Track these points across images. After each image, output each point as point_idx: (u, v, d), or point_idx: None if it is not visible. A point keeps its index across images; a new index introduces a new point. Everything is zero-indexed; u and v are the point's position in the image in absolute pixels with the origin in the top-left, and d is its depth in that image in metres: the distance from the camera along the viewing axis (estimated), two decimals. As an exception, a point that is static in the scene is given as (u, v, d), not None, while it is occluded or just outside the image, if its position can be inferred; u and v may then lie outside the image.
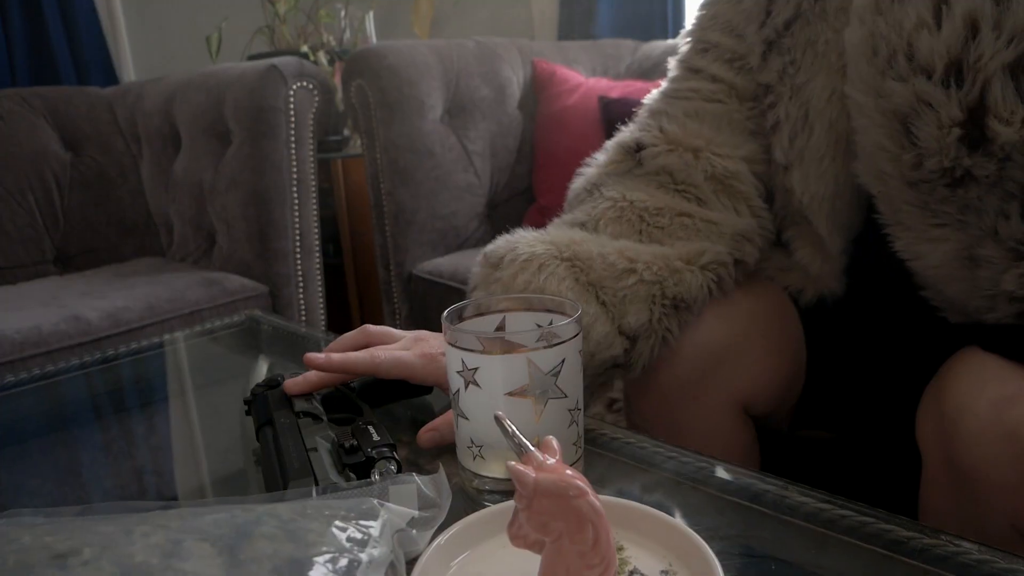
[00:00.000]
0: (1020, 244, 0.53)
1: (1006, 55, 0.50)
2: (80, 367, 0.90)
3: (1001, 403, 0.52)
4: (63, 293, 1.43)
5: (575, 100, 1.67)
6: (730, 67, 0.75)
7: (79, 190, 1.78)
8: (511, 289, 0.63)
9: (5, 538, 0.30)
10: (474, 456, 0.47)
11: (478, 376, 0.45)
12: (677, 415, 0.71)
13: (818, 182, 0.69)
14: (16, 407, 0.84)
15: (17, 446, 0.75)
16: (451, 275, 1.45)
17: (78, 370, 0.89)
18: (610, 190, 0.73)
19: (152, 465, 0.67)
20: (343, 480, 0.46)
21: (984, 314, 0.59)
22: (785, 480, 0.49)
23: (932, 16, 0.52)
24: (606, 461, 0.55)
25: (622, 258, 0.65)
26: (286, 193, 1.49)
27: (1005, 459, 0.51)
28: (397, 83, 1.49)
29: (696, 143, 0.72)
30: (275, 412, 0.55)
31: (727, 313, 0.69)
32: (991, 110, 0.51)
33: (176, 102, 1.69)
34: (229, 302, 1.42)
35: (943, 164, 0.53)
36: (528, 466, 0.35)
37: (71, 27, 2.07)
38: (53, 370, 0.89)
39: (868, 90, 0.58)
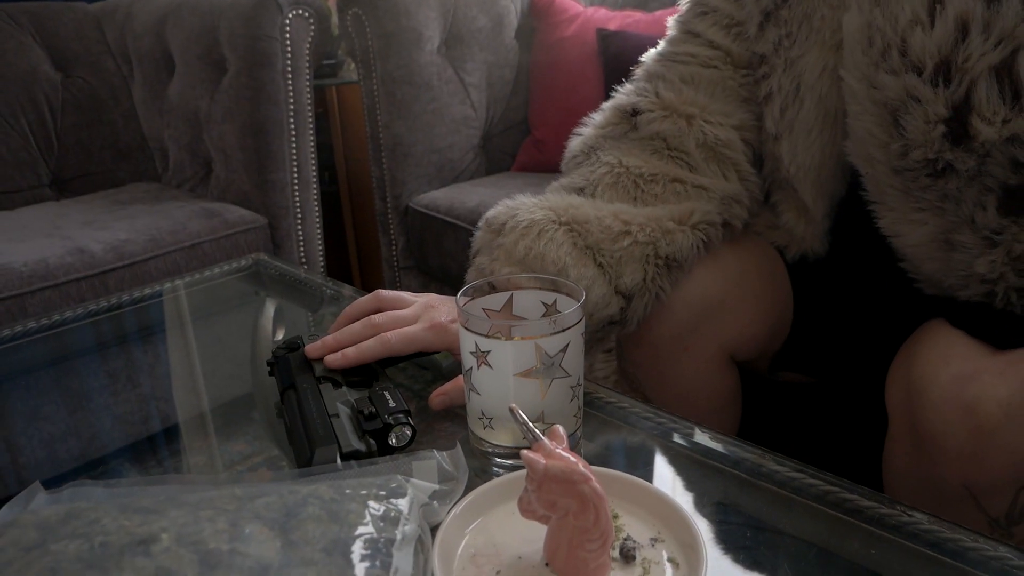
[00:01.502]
0: (994, 234, 0.57)
1: (992, 57, 0.53)
2: (89, 315, 0.93)
3: (963, 378, 0.57)
4: (64, 222, 1.45)
5: (573, 31, 1.66)
6: (728, 33, 0.76)
7: (72, 112, 1.77)
8: (512, 255, 0.67)
9: (86, 519, 0.35)
10: (484, 426, 0.52)
11: (490, 358, 0.49)
12: (667, 365, 0.76)
13: (805, 153, 0.72)
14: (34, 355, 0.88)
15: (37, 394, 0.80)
16: (447, 209, 1.48)
17: (87, 318, 0.93)
18: (607, 155, 0.76)
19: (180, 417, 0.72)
20: (363, 446, 0.51)
21: (957, 291, 0.63)
22: (762, 449, 0.54)
23: (927, 13, 0.55)
24: (602, 424, 0.60)
25: (617, 221, 0.68)
26: (283, 124, 1.50)
27: (962, 430, 0.57)
28: (394, 13, 1.47)
29: (690, 110, 0.75)
30: (297, 377, 0.59)
31: (715, 269, 0.74)
32: (975, 109, 0.54)
33: (168, 25, 1.66)
34: (230, 234, 1.44)
35: (927, 156, 0.57)
36: (539, 453, 0.40)
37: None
38: (62, 319, 0.92)
39: (862, 78, 0.60)
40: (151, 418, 0.88)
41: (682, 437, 0.57)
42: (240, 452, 0.89)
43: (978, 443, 0.57)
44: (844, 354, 0.83)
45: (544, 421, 0.51)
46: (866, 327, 0.79)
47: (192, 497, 0.37)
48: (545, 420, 0.51)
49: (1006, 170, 0.54)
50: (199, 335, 0.95)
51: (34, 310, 1.22)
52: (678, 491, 0.52)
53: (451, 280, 1.53)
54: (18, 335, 0.90)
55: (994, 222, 0.56)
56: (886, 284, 0.73)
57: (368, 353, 0.60)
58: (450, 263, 1.48)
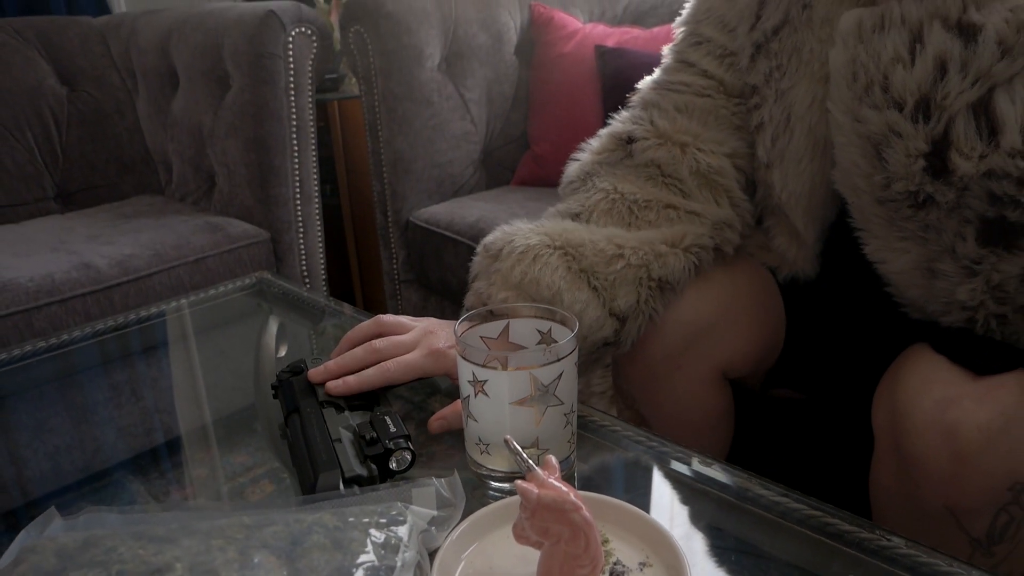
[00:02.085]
0: (973, 263, 0.59)
1: (970, 95, 0.55)
2: (96, 334, 0.95)
3: (944, 403, 0.59)
4: (69, 236, 1.47)
5: (572, 47, 1.68)
6: (721, 63, 0.79)
7: (77, 126, 1.79)
8: (509, 280, 0.69)
9: (103, 547, 0.37)
10: (481, 451, 0.54)
11: (487, 387, 0.51)
12: (661, 383, 0.78)
13: (796, 181, 0.74)
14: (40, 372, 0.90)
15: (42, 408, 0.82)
16: (447, 224, 1.50)
17: (93, 337, 0.95)
18: (603, 181, 0.78)
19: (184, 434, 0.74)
20: (365, 470, 0.53)
21: (939, 317, 0.65)
22: (749, 473, 0.56)
23: (908, 52, 0.57)
24: (596, 446, 0.62)
25: (611, 244, 0.70)
26: (286, 140, 1.52)
27: (943, 454, 0.59)
28: (396, 31, 1.49)
29: (684, 138, 0.77)
30: (301, 401, 0.61)
31: (707, 291, 0.76)
32: (954, 144, 0.56)
33: (172, 40, 1.69)
34: (233, 248, 1.46)
35: (909, 188, 0.59)
36: (532, 483, 0.42)
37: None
38: (70, 338, 0.94)
39: (847, 112, 0.62)
40: (155, 431, 0.91)
41: (672, 460, 0.59)
42: (242, 464, 0.91)
43: (958, 467, 0.59)
44: (834, 372, 0.85)
45: (539, 447, 0.53)
46: (855, 347, 0.81)
47: (203, 525, 0.39)
48: (540, 446, 0.53)
49: (984, 203, 0.56)
50: (203, 351, 0.98)
51: (40, 325, 1.24)
52: (667, 515, 0.54)
53: (451, 294, 1.55)
54: (27, 355, 0.92)
55: (973, 252, 0.59)
56: (875, 306, 0.75)
57: (368, 382, 0.62)
58: (450, 277, 1.51)
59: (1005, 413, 0.58)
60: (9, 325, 1.21)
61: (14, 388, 0.90)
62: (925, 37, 0.56)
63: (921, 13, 0.56)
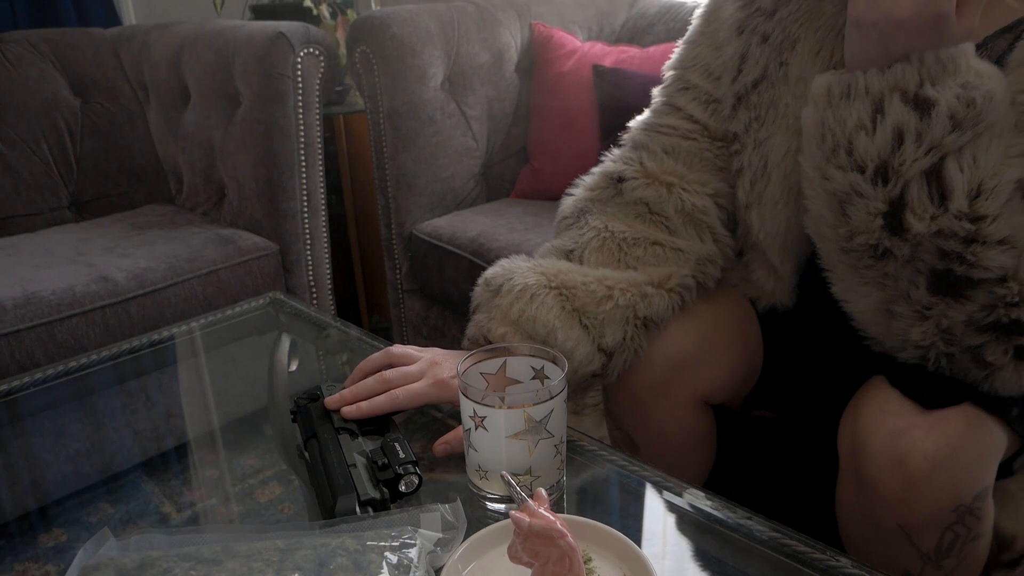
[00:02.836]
0: (925, 309, 0.66)
1: (923, 163, 0.61)
2: (113, 357, 1.02)
3: (896, 434, 0.66)
4: (86, 248, 1.53)
5: (570, 66, 1.74)
6: (705, 109, 0.85)
7: (90, 137, 1.85)
8: (508, 316, 0.76)
9: (160, 568, 0.44)
10: (480, 477, 0.61)
11: (486, 422, 0.58)
12: (647, 408, 0.85)
13: (772, 222, 0.81)
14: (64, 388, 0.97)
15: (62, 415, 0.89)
16: (449, 238, 1.56)
17: (110, 360, 1.02)
18: (595, 219, 0.84)
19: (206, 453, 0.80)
20: (378, 493, 0.60)
21: (896, 352, 0.72)
22: (720, 498, 0.63)
23: (870, 120, 0.63)
24: (582, 469, 0.69)
25: (602, 286, 0.77)
26: (294, 157, 1.58)
27: (895, 479, 0.66)
28: (400, 53, 1.55)
29: (670, 179, 0.83)
30: (319, 427, 0.68)
31: (689, 324, 0.82)
32: (908, 206, 0.62)
33: (184, 56, 1.75)
34: (243, 261, 1.53)
35: (869, 241, 0.65)
36: (525, 513, 0.49)
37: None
38: (88, 361, 1.01)
39: (815, 168, 0.68)
40: (169, 435, 0.99)
41: (650, 485, 0.66)
42: (252, 466, 0.99)
43: (908, 491, 0.65)
44: (809, 396, 0.91)
45: (532, 474, 0.59)
46: (828, 373, 0.87)
47: (243, 547, 0.46)
48: (532, 473, 0.60)
49: (934, 257, 0.63)
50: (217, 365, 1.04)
51: (63, 337, 1.31)
52: (643, 534, 0.61)
53: (452, 304, 1.62)
54: (49, 377, 0.98)
55: (925, 299, 0.65)
56: (845, 336, 0.81)
57: (379, 408, 0.69)
58: (451, 289, 1.57)
59: (950, 444, 0.65)
60: (33, 337, 1.28)
61: (45, 403, 0.97)
62: (886, 108, 0.62)
63: (883, 85, 0.62)
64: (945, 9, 0.59)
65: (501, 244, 1.47)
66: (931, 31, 0.60)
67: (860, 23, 0.62)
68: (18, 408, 0.98)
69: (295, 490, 0.81)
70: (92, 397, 1.01)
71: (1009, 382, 0.66)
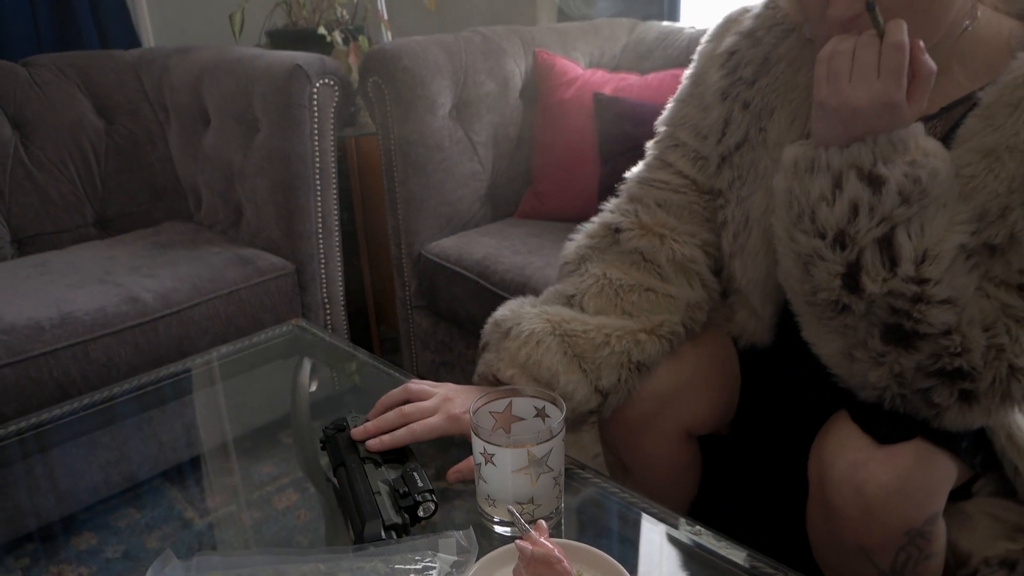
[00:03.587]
0: (879, 356, 0.74)
1: (876, 232, 0.70)
2: (137, 388, 1.11)
3: (855, 465, 0.75)
4: (113, 267, 1.62)
5: (572, 93, 1.83)
6: (694, 165, 0.94)
7: (114, 157, 1.94)
8: (516, 359, 0.85)
9: (224, 589, 0.53)
10: (489, 504, 0.70)
11: (494, 459, 0.67)
12: (637, 439, 0.94)
13: (754, 270, 0.89)
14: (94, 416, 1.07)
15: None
16: (456, 260, 1.65)
17: (136, 391, 1.11)
18: (594, 266, 0.93)
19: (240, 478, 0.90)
20: (400, 519, 0.69)
21: (858, 391, 0.80)
22: (699, 524, 0.72)
23: (830, 193, 0.72)
24: (577, 494, 0.78)
25: (600, 333, 0.86)
26: (310, 181, 1.67)
27: (854, 506, 0.75)
28: (411, 84, 1.64)
29: (662, 231, 0.92)
30: (346, 456, 0.77)
31: (676, 364, 0.91)
32: (864, 269, 0.71)
33: (204, 83, 1.83)
34: (262, 281, 1.62)
35: (830, 298, 0.74)
36: (528, 541, 0.58)
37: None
38: (120, 390, 1.11)
39: (784, 230, 0.77)
40: (194, 445, 1.09)
41: (638, 511, 0.75)
42: (268, 474, 1.09)
43: (866, 516, 0.75)
44: (785, 425, 1.00)
45: (534, 503, 0.69)
46: (802, 404, 0.96)
47: (291, 569, 0.55)
48: (535, 502, 0.69)
49: (886, 313, 0.72)
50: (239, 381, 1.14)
51: (96, 355, 1.40)
52: (629, 556, 0.70)
53: (458, 321, 1.71)
54: (86, 407, 1.08)
55: (879, 348, 0.74)
56: (817, 372, 0.90)
57: (399, 441, 0.78)
58: (458, 307, 1.66)
59: (901, 475, 0.74)
60: (69, 355, 1.37)
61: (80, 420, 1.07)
62: (844, 183, 0.71)
63: (842, 162, 0.71)
64: (897, 98, 0.68)
65: (505, 266, 1.56)
66: (885, 116, 0.69)
67: (824, 107, 0.71)
68: (59, 429, 1.08)
69: (311, 497, 0.90)
70: (121, 413, 1.11)
71: (956, 420, 0.75)
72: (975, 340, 0.71)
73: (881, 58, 0.66)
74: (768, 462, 1.06)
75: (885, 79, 0.67)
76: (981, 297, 0.73)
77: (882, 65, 0.67)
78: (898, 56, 0.66)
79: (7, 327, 1.35)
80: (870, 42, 0.67)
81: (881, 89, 0.67)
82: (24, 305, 1.42)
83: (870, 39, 0.67)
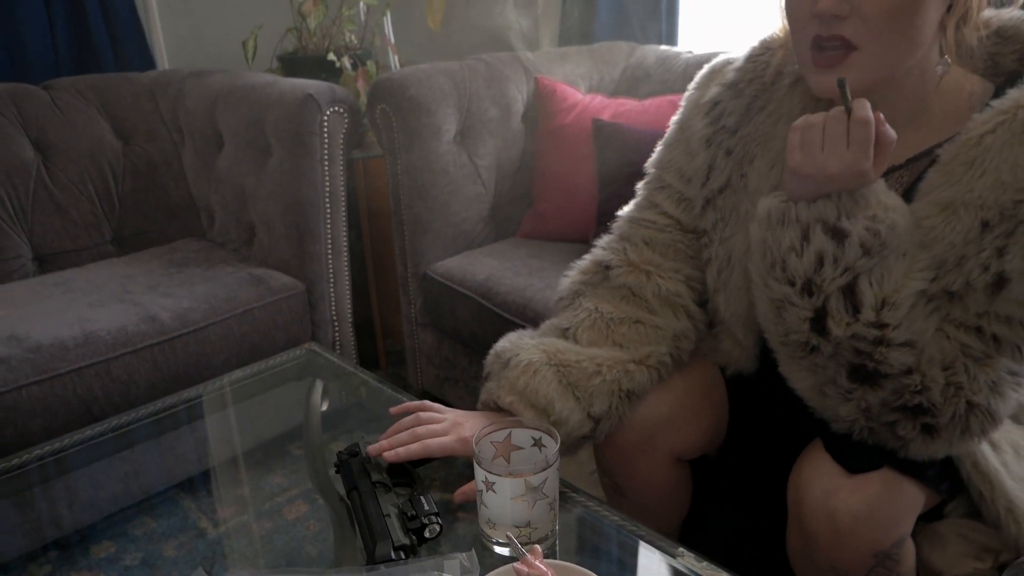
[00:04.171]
0: (847, 392, 0.81)
1: (840, 281, 0.77)
2: (154, 413, 1.19)
3: (827, 493, 0.82)
4: (132, 285, 1.69)
5: (572, 119, 1.90)
6: (678, 206, 1.01)
7: (131, 177, 2.01)
8: (515, 387, 0.91)
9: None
10: (490, 527, 0.77)
11: (495, 487, 0.74)
12: (629, 463, 1.00)
13: (736, 304, 0.96)
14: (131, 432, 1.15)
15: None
16: (460, 281, 1.72)
17: (154, 415, 1.18)
18: (587, 301, 1.00)
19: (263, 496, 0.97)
20: (408, 540, 0.76)
21: (831, 423, 0.87)
22: (679, 545, 0.78)
23: (799, 244, 0.78)
24: (570, 515, 0.85)
25: (592, 363, 0.93)
26: (320, 204, 1.74)
27: (826, 531, 0.82)
28: (417, 112, 1.71)
29: (648, 268, 0.99)
30: (359, 481, 0.84)
31: (665, 394, 0.98)
32: (830, 315, 0.78)
33: (219, 108, 1.91)
34: (274, 300, 1.69)
35: (800, 340, 0.81)
36: (524, 565, 0.65)
37: (108, 12, 2.24)
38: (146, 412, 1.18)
39: (759, 276, 0.84)
40: (208, 458, 1.16)
41: (627, 534, 0.82)
42: (279, 485, 1.17)
43: (837, 540, 0.81)
44: (770, 448, 1.07)
45: (531, 526, 0.75)
46: (785, 429, 1.03)
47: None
48: (531, 526, 0.76)
49: (851, 354, 0.78)
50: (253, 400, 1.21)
51: (117, 372, 1.47)
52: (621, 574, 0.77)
53: (462, 339, 1.78)
54: (109, 431, 1.15)
55: (847, 385, 0.81)
56: (799, 399, 0.97)
57: (414, 453, 0.85)
58: (461, 327, 1.73)
59: (870, 503, 0.81)
60: (92, 373, 1.44)
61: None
62: (811, 236, 0.78)
63: (809, 216, 0.78)
64: (865, 167, 0.75)
65: (507, 288, 1.63)
66: (854, 181, 0.76)
67: (798, 172, 0.78)
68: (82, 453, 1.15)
69: (320, 509, 0.97)
70: (140, 435, 1.18)
71: (920, 451, 0.82)
72: (934, 379, 0.78)
73: (850, 132, 0.73)
74: (755, 483, 1.13)
75: (855, 150, 0.74)
76: (941, 338, 0.79)
77: (851, 138, 0.73)
78: (865, 130, 0.73)
79: (34, 346, 1.42)
80: (839, 117, 0.74)
81: (851, 159, 0.74)
82: (48, 324, 1.49)
83: (839, 114, 0.74)
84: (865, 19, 0.77)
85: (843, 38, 0.78)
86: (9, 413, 1.36)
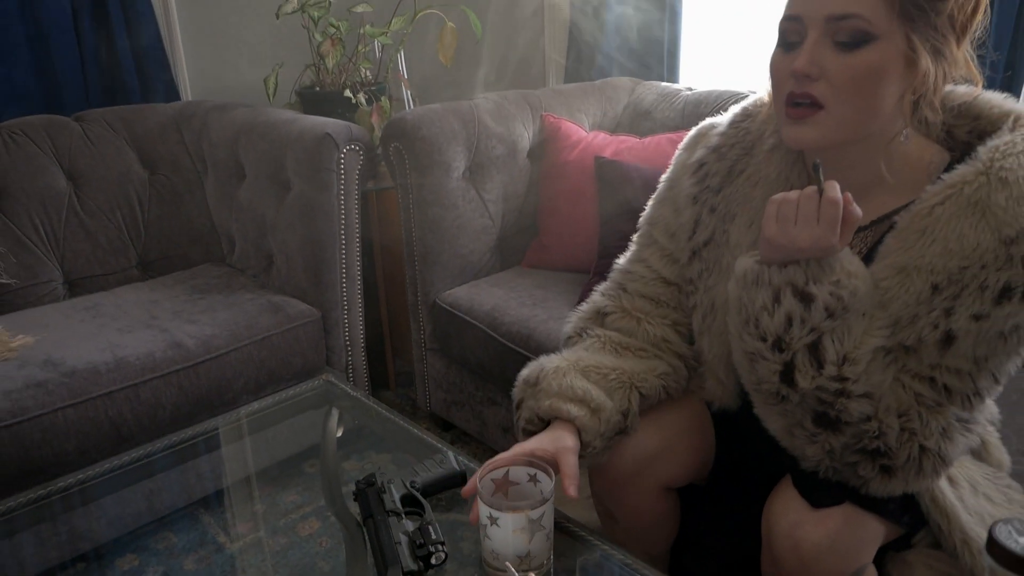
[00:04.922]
0: (813, 436, 0.90)
1: (807, 339, 0.86)
2: (173, 445, 1.28)
3: (794, 525, 0.91)
4: (157, 311, 1.79)
5: (575, 155, 2.00)
6: (664, 262, 1.10)
7: (156, 205, 2.12)
8: (550, 390, 1.00)
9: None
10: (492, 557, 0.86)
11: (497, 521, 0.83)
12: (621, 492, 1.10)
13: (719, 347, 1.05)
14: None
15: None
16: (468, 310, 1.82)
17: (173, 447, 1.28)
18: (593, 332, 1.10)
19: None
20: (416, 566, 0.85)
21: (801, 461, 0.96)
22: (659, 574, 0.88)
23: (771, 305, 0.88)
24: (563, 540, 0.94)
25: (609, 369, 1.03)
26: (335, 236, 1.85)
27: (793, 560, 0.91)
28: (429, 151, 1.81)
29: (639, 314, 1.09)
30: (374, 510, 0.94)
31: (654, 427, 1.07)
32: (797, 369, 0.87)
33: (241, 142, 2.01)
34: (292, 327, 1.79)
35: (771, 389, 0.90)
36: (520, 591, 0.74)
37: (136, 44, 2.35)
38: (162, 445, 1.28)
39: (735, 330, 0.93)
40: (226, 475, 1.26)
41: (615, 563, 0.91)
42: (293, 502, 1.27)
43: (802, 569, 0.90)
44: (754, 477, 1.16)
45: (530, 556, 0.85)
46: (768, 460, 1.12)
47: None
48: (530, 555, 0.85)
49: (815, 403, 0.88)
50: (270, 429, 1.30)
51: (145, 396, 1.57)
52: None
53: (469, 366, 1.87)
54: (134, 461, 1.25)
55: (812, 429, 0.90)
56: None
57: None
58: (469, 354, 1.83)
59: (831, 535, 0.90)
60: (122, 397, 1.54)
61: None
62: (781, 298, 0.87)
63: (780, 280, 0.87)
64: (832, 242, 0.84)
65: (512, 318, 1.72)
66: (821, 253, 0.85)
67: (772, 242, 0.87)
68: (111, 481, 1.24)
69: (331, 525, 1.06)
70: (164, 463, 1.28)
71: (879, 489, 0.91)
72: (890, 425, 0.87)
73: (821, 209, 0.83)
74: (738, 511, 1.22)
75: (823, 226, 0.83)
76: (898, 387, 0.89)
77: (821, 215, 0.83)
78: (835, 209, 0.82)
79: (68, 371, 1.52)
80: (812, 196, 0.84)
81: (820, 234, 0.83)
82: (81, 349, 1.59)
83: (812, 193, 0.84)
84: (832, 83, 0.86)
85: (812, 96, 0.88)
86: (46, 434, 1.46)
